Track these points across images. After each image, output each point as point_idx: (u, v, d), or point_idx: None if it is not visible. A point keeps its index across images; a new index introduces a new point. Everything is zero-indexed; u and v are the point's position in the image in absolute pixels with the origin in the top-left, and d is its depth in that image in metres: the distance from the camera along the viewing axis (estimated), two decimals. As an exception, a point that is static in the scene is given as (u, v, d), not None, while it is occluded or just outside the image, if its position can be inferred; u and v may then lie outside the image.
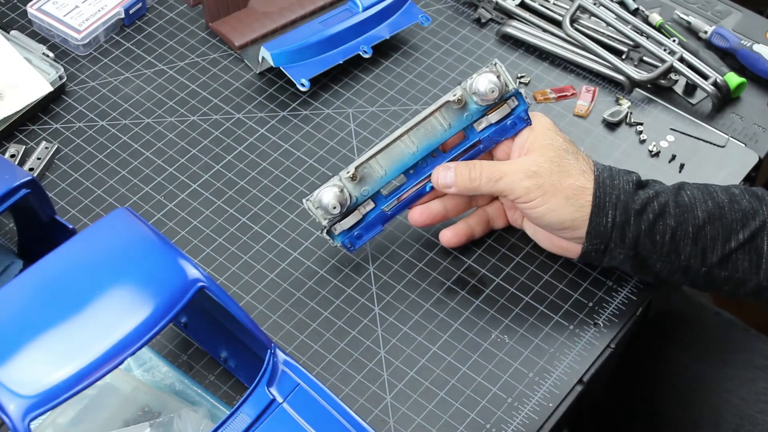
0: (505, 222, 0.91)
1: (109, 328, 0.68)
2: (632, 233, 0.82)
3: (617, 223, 0.82)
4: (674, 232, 0.82)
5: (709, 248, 0.82)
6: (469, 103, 0.85)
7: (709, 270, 0.83)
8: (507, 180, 0.83)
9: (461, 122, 0.85)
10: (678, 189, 0.84)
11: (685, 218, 0.82)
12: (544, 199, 0.82)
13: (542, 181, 0.82)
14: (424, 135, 0.85)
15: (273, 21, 1.07)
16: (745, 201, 0.84)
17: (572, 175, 0.83)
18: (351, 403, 0.80)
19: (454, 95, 0.84)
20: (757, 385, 0.98)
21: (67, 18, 1.04)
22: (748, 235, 0.82)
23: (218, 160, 0.97)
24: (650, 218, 0.82)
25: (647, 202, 0.82)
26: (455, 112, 0.85)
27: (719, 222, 0.83)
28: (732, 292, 0.85)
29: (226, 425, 0.72)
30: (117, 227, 0.74)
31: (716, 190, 0.85)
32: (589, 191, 0.82)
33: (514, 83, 0.85)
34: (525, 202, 0.83)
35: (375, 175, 0.85)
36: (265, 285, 0.88)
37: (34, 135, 0.97)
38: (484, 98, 0.84)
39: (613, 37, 1.08)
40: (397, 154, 0.85)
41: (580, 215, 0.82)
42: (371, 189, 0.85)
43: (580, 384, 0.84)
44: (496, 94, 0.84)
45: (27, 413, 0.64)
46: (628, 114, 1.02)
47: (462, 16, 1.11)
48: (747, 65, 1.07)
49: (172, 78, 1.03)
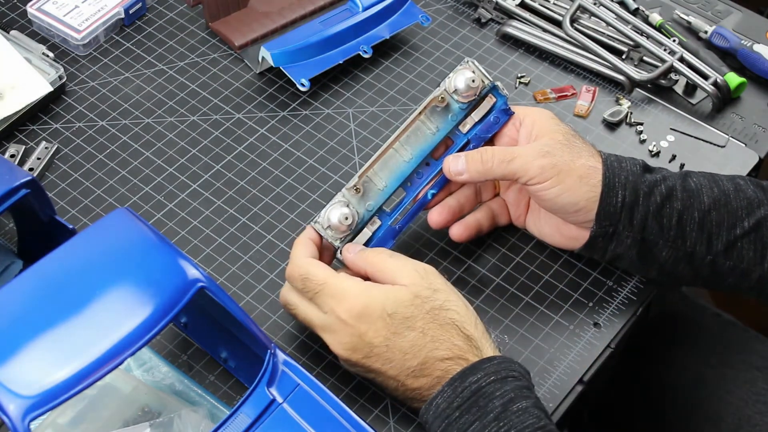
0: (508, 218, 0.91)
1: (109, 328, 0.68)
2: (641, 214, 0.81)
3: (626, 203, 0.81)
4: (681, 215, 0.82)
5: (714, 234, 0.82)
6: (451, 104, 0.86)
7: (714, 258, 0.83)
8: (520, 161, 0.82)
9: (447, 124, 0.86)
10: (684, 175, 0.85)
11: (692, 203, 0.82)
12: (559, 178, 0.81)
13: (555, 160, 0.81)
14: (416, 141, 0.85)
15: (273, 21, 1.07)
16: (750, 190, 0.84)
17: (583, 156, 0.83)
18: (351, 403, 0.80)
19: (441, 100, 0.85)
20: (756, 386, 0.98)
21: (67, 18, 1.04)
22: (754, 223, 0.83)
23: (218, 160, 0.97)
24: (658, 200, 0.82)
25: (655, 185, 0.82)
26: (440, 114, 0.86)
27: (725, 209, 0.83)
28: (736, 285, 0.85)
29: (226, 425, 0.72)
30: (117, 227, 0.74)
31: (722, 178, 0.85)
32: (599, 171, 0.82)
33: (490, 79, 0.86)
34: (538, 182, 0.82)
35: (376, 189, 0.84)
36: (265, 285, 0.88)
37: (34, 135, 0.97)
38: (464, 95, 0.85)
39: (613, 37, 1.08)
40: (394, 164, 0.85)
41: (593, 195, 0.82)
42: (375, 204, 0.84)
43: (580, 384, 0.84)
44: (475, 88, 0.85)
45: (27, 413, 0.64)
46: (628, 114, 1.02)
47: (462, 16, 1.11)
48: (747, 65, 1.07)
49: (172, 78, 1.03)
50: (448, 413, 0.73)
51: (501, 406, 0.72)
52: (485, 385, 0.73)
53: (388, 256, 0.80)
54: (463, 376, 0.74)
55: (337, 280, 0.77)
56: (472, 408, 0.72)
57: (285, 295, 0.81)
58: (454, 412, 0.73)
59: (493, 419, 0.72)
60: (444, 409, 0.73)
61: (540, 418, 0.72)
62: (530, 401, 0.73)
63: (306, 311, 0.79)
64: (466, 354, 0.75)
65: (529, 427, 0.71)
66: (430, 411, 0.74)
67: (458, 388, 0.73)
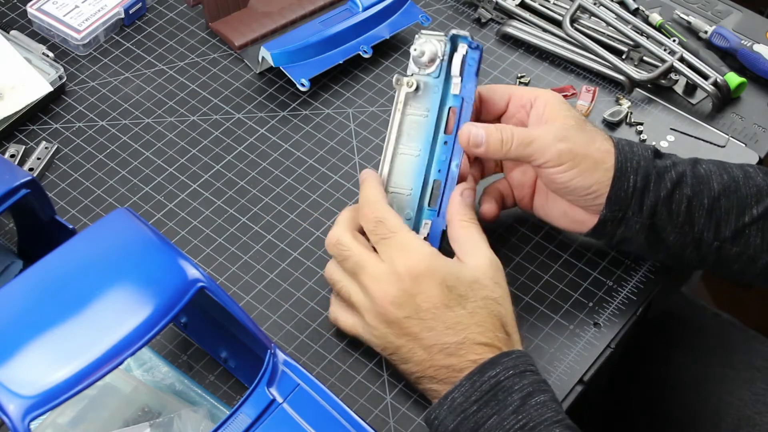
0: (513, 201, 0.90)
1: (109, 328, 0.68)
2: (651, 200, 0.81)
3: (638, 188, 0.81)
4: (690, 201, 0.82)
5: (723, 221, 0.82)
6: (427, 81, 0.83)
7: (721, 245, 0.83)
8: (538, 144, 0.81)
9: (435, 99, 0.84)
10: (694, 162, 0.85)
11: (701, 189, 0.82)
12: (575, 162, 0.81)
13: (572, 145, 0.81)
14: (416, 133, 0.84)
15: (273, 21, 1.07)
16: (759, 178, 0.85)
17: (597, 140, 0.82)
18: (351, 403, 0.80)
19: (410, 85, 0.83)
20: (756, 386, 0.98)
21: (67, 18, 1.04)
22: (762, 210, 0.83)
23: (218, 160, 0.97)
24: (668, 186, 0.82)
25: (665, 170, 0.82)
26: (421, 96, 0.84)
27: (734, 195, 0.83)
28: (742, 272, 0.85)
29: (226, 425, 0.72)
30: (117, 227, 0.74)
31: (731, 166, 0.85)
32: (612, 155, 0.82)
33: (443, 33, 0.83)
34: (554, 166, 0.81)
35: (404, 197, 0.84)
36: (265, 285, 0.88)
37: (34, 135, 0.97)
38: (431, 65, 0.83)
39: (613, 37, 1.08)
40: (407, 165, 0.84)
41: (605, 179, 0.81)
42: (412, 210, 0.84)
43: (580, 384, 0.84)
44: (435, 52, 0.82)
45: (27, 413, 0.64)
46: (629, 114, 1.03)
47: (462, 16, 1.11)
48: (747, 65, 1.07)
49: (172, 78, 1.03)
50: (465, 407, 0.73)
51: (520, 400, 0.72)
52: (504, 380, 0.73)
53: (477, 232, 0.80)
54: (482, 370, 0.74)
55: (408, 234, 0.78)
56: (490, 402, 0.73)
57: (340, 234, 0.81)
58: (472, 406, 0.73)
59: (512, 412, 0.72)
60: (461, 403, 0.73)
61: (558, 412, 0.73)
62: (548, 395, 0.74)
63: (362, 255, 0.79)
64: (503, 347, 0.76)
65: (547, 420, 0.72)
66: (444, 405, 0.74)
67: (477, 383, 0.74)
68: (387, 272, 0.77)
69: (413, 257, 0.77)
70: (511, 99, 0.86)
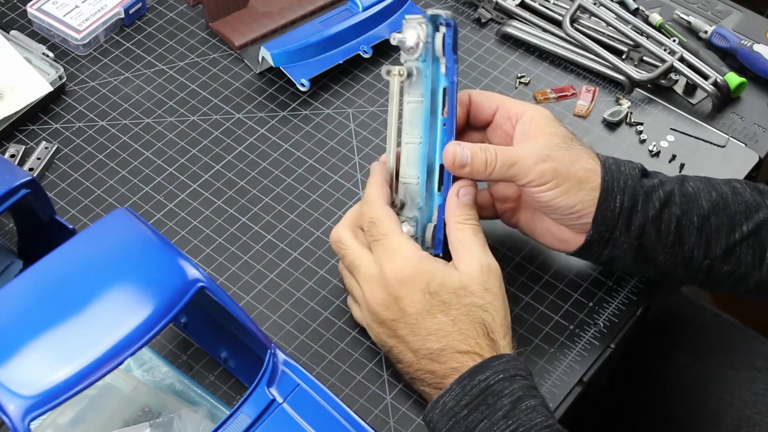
0: (493, 213, 0.89)
1: (109, 328, 0.68)
2: (639, 220, 0.80)
3: (625, 208, 0.80)
4: (679, 221, 0.81)
5: (713, 239, 0.82)
6: (419, 67, 0.82)
7: (712, 263, 0.82)
8: (521, 165, 0.80)
9: (426, 83, 0.82)
10: (682, 180, 0.84)
11: (690, 207, 0.81)
12: (558, 182, 0.80)
13: (556, 164, 0.80)
14: (415, 120, 0.82)
15: (273, 21, 1.07)
16: (747, 194, 0.84)
17: (582, 159, 0.81)
18: (351, 403, 0.80)
19: (401, 74, 0.82)
20: (756, 386, 0.98)
21: (67, 18, 1.04)
22: (752, 227, 0.82)
23: (218, 160, 0.97)
24: (656, 206, 0.81)
25: (653, 190, 0.81)
26: (414, 83, 0.83)
27: (723, 212, 0.82)
28: (733, 288, 0.85)
29: (226, 425, 0.72)
30: (117, 227, 0.74)
31: (718, 182, 0.85)
32: (598, 175, 0.81)
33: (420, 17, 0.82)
34: (538, 185, 0.80)
35: (414, 186, 0.83)
36: (265, 285, 0.88)
37: (34, 135, 0.97)
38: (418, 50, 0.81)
39: (613, 37, 1.08)
40: (412, 154, 0.83)
41: (590, 199, 0.80)
42: (422, 199, 0.83)
43: (580, 384, 0.84)
44: (418, 38, 0.81)
45: (27, 413, 0.64)
46: (628, 114, 1.03)
47: (462, 16, 1.11)
48: (747, 65, 1.07)
49: (172, 78, 1.03)
50: (455, 411, 0.73)
51: (510, 404, 0.72)
52: (494, 383, 0.73)
53: (472, 234, 0.80)
54: (472, 374, 0.74)
55: (398, 238, 0.79)
56: (480, 406, 0.73)
57: (341, 232, 0.82)
58: (462, 410, 0.73)
59: (502, 417, 0.72)
60: (452, 407, 0.73)
61: (548, 417, 0.72)
62: (538, 400, 0.73)
63: (357, 255, 0.80)
64: (485, 353, 0.75)
65: (537, 425, 0.71)
66: (437, 409, 0.74)
67: (467, 386, 0.73)
68: (376, 275, 0.78)
69: (398, 261, 0.77)
70: (499, 109, 0.85)
